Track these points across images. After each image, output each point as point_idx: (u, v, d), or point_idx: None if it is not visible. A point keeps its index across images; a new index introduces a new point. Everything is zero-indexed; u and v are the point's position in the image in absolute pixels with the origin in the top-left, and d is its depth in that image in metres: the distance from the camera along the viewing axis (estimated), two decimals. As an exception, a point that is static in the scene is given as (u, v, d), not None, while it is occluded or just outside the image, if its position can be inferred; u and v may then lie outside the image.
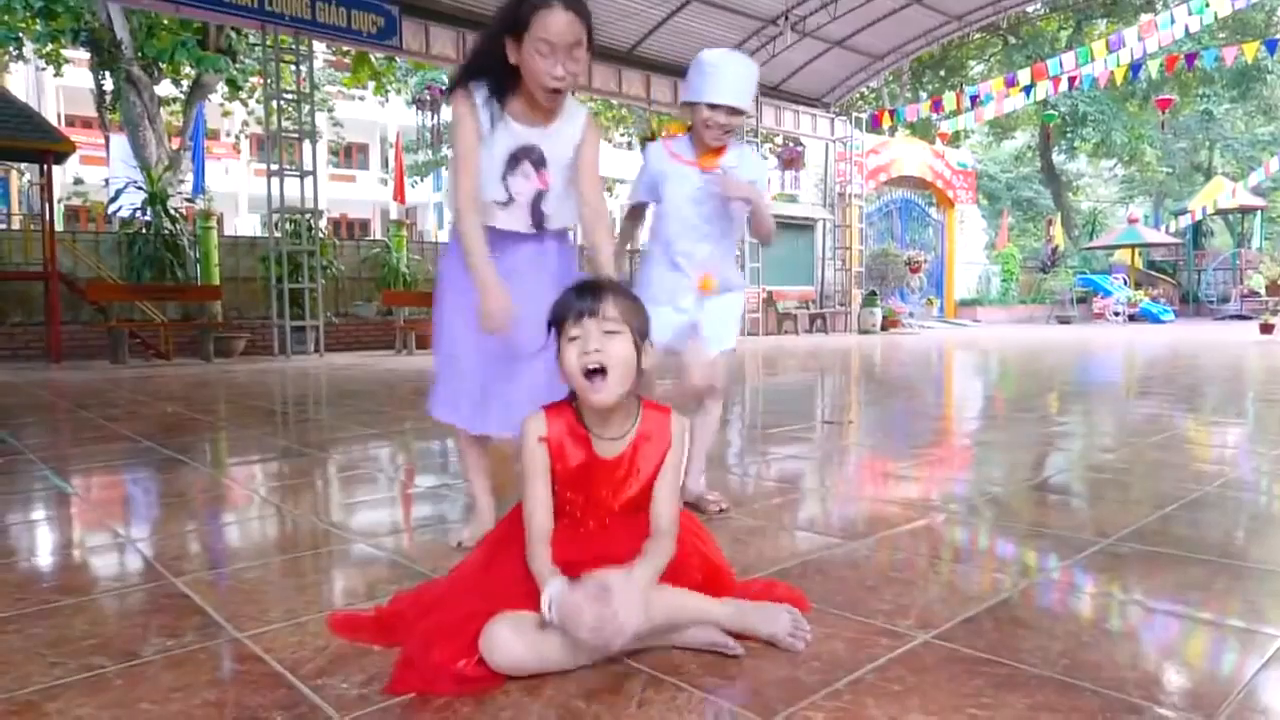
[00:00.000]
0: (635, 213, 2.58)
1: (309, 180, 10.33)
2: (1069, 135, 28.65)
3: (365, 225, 32.03)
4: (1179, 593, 1.75)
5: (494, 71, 1.92)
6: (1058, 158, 31.79)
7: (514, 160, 1.99)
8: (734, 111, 2.27)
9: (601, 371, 1.41)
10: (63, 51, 14.99)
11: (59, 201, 17.19)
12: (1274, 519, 2.45)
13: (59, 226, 11.69)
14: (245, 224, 27.36)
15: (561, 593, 1.32)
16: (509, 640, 1.32)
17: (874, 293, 17.64)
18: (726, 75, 2.25)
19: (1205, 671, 1.42)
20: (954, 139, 22.06)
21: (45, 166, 9.75)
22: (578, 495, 1.49)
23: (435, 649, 1.32)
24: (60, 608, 1.72)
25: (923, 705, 1.27)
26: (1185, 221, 21.62)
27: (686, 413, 2.28)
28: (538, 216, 2.05)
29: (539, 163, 2.01)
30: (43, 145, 9.23)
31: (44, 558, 2.16)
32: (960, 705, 1.26)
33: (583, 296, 1.45)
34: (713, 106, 2.25)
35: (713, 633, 1.44)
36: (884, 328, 16.87)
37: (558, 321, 1.47)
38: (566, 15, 1.84)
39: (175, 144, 15.12)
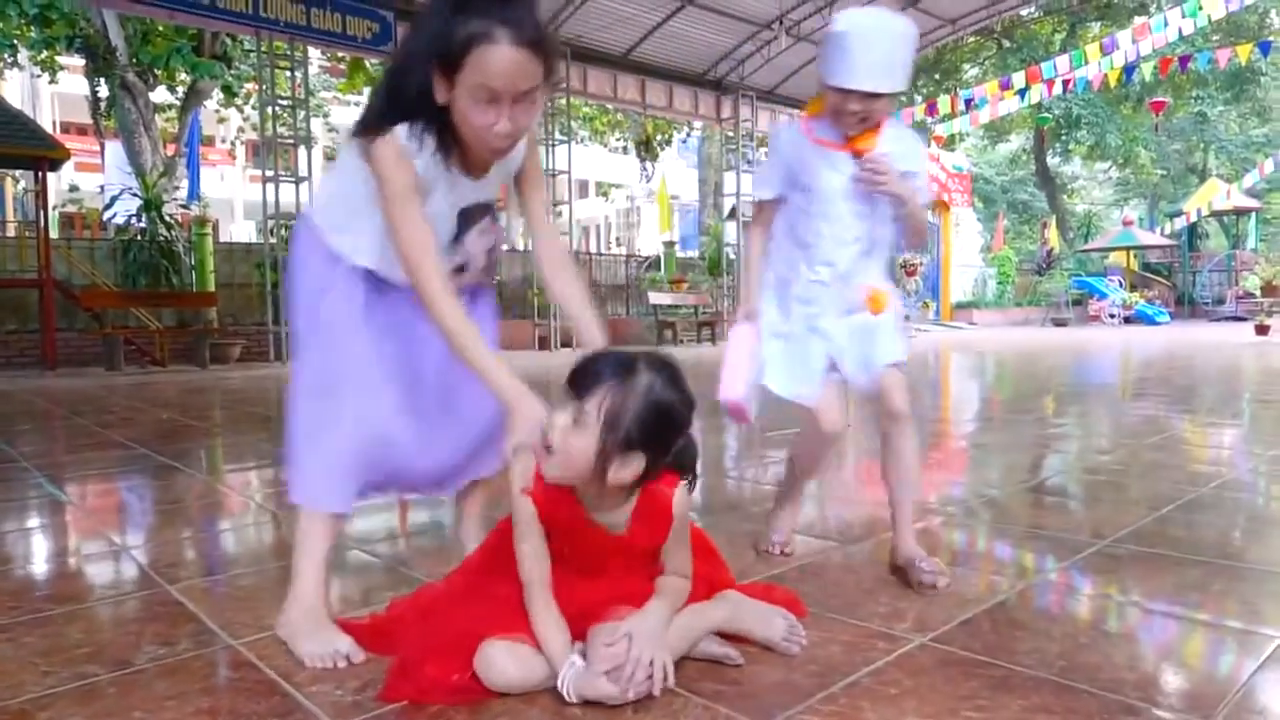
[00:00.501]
0: (767, 212, 1.97)
1: (304, 186, 10.33)
2: (1063, 138, 28.72)
3: (361, 231, 32.01)
4: (1176, 594, 1.75)
5: (428, 111, 1.43)
6: (1052, 160, 31.87)
7: (466, 219, 1.59)
8: (871, 96, 1.73)
9: (550, 448, 1.31)
10: (58, 58, 15.00)
11: (54, 209, 17.19)
12: (1271, 520, 2.45)
13: (54, 234, 11.68)
14: (241, 230, 27.33)
15: (577, 677, 1.29)
16: (505, 664, 1.30)
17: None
18: (862, 50, 1.69)
19: (1202, 672, 1.42)
20: (949, 142, 22.11)
21: (40, 174, 9.74)
22: (566, 548, 1.41)
23: (430, 662, 1.32)
24: (54, 616, 1.71)
25: (919, 708, 1.26)
26: (1180, 223, 21.68)
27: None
28: (491, 271, 1.70)
29: (494, 215, 1.65)
30: (37, 153, 9.22)
31: (38, 566, 2.15)
32: (956, 708, 1.26)
33: (588, 377, 1.30)
34: (842, 92, 1.73)
35: (714, 644, 1.44)
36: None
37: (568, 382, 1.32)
38: (516, 54, 1.35)
39: (170, 150, 15.12)
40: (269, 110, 10.27)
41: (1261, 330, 12.42)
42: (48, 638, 1.59)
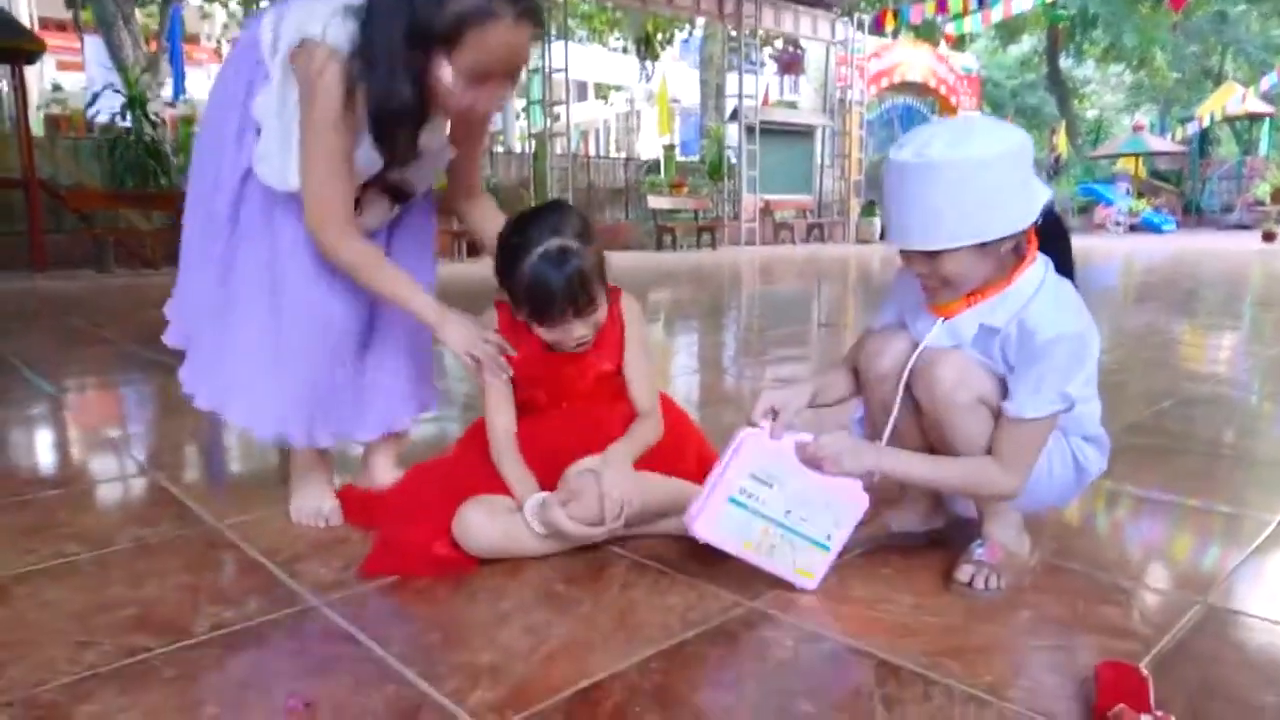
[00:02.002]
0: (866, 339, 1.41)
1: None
2: (1078, 39, 27.76)
3: (354, 134, 31.27)
4: (1171, 483, 1.73)
5: (396, 74, 1.25)
6: (1065, 63, 30.90)
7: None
8: (931, 255, 1.18)
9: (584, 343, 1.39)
10: (30, -54, 14.31)
11: (38, 109, 16.71)
12: (1264, 415, 2.43)
13: (40, 134, 11.35)
14: (231, 133, 26.66)
15: (542, 507, 1.30)
16: (482, 524, 1.29)
17: (873, 202, 17.37)
18: (896, 191, 1.18)
19: (1194, 555, 1.40)
20: (959, 43, 21.36)
21: (17, 67, 9.39)
22: (539, 390, 1.44)
23: (410, 532, 1.30)
24: (38, 499, 1.70)
25: (911, 586, 1.25)
26: (1192, 128, 21.16)
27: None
28: (401, 196, 1.52)
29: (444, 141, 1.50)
30: (10, 43, 8.85)
31: (26, 454, 2.13)
32: (948, 586, 1.25)
33: (560, 293, 1.28)
34: (904, 253, 1.23)
35: None
36: (882, 238, 16.65)
37: (534, 314, 1.32)
38: (519, 32, 1.23)
39: (152, 47, 14.58)
40: (254, 6, 9.84)
41: (1269, 237, 12.26)
42: (31, 519, 1.58)
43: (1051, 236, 1.24)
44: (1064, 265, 1.25)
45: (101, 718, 0.94)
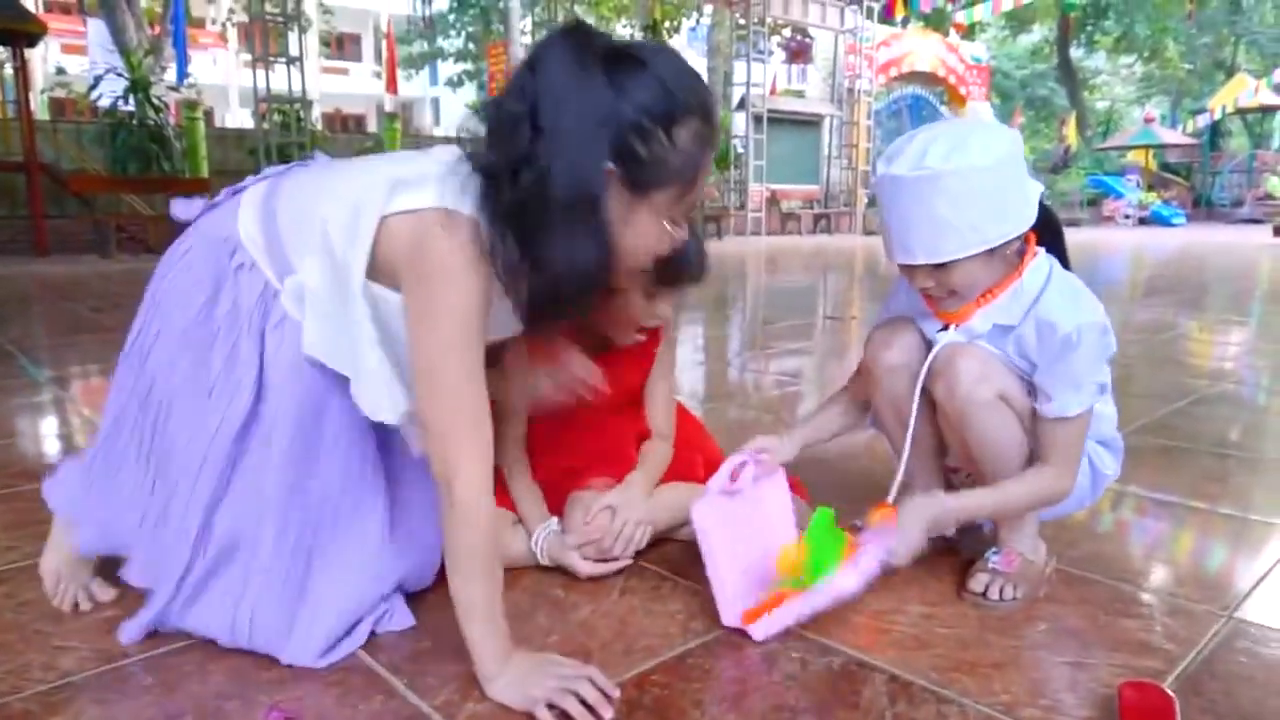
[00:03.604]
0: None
1: (296, 68, 9.91)
2: (1089, 28, 27.53)
3: (360, 120, 31.17)
4: (1190, 487, 1.68)
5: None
6: (1076, 53, 30.65)
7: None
8: (939, 266, 1.12)
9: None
10: (33, -72, 14.21)
11: (42, 92, 16.64)
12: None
13: (44, 118, 11.31)
14: (236, 119, 26.58)
15: (551, 541, 1.27)
16: None
17: (879, 193, 17.24)
18: (891, 206, 1.13)
19: (1218, 565, 1.35)
20: (969, 32, 21.16)
21: (18, 50, 9.33)
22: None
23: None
24: (23, 492, 1.65)
25: (922, 596, 1.20)
26: (1203, 121, 20.96)
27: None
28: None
29: None
30: (11, 25, 8.78)
31: (16, 445, 2.08)
32: (960, 595, 1.20)
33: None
34: (906, 267, 1.18)
35: None
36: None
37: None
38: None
39: (155, 31, 14.51)
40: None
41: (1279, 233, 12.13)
42: (15, 512, 1.54)
43: (1044, 228, 1.19)
44: (1059, 256, 1.21)
45: (73, 730, 0.90)
